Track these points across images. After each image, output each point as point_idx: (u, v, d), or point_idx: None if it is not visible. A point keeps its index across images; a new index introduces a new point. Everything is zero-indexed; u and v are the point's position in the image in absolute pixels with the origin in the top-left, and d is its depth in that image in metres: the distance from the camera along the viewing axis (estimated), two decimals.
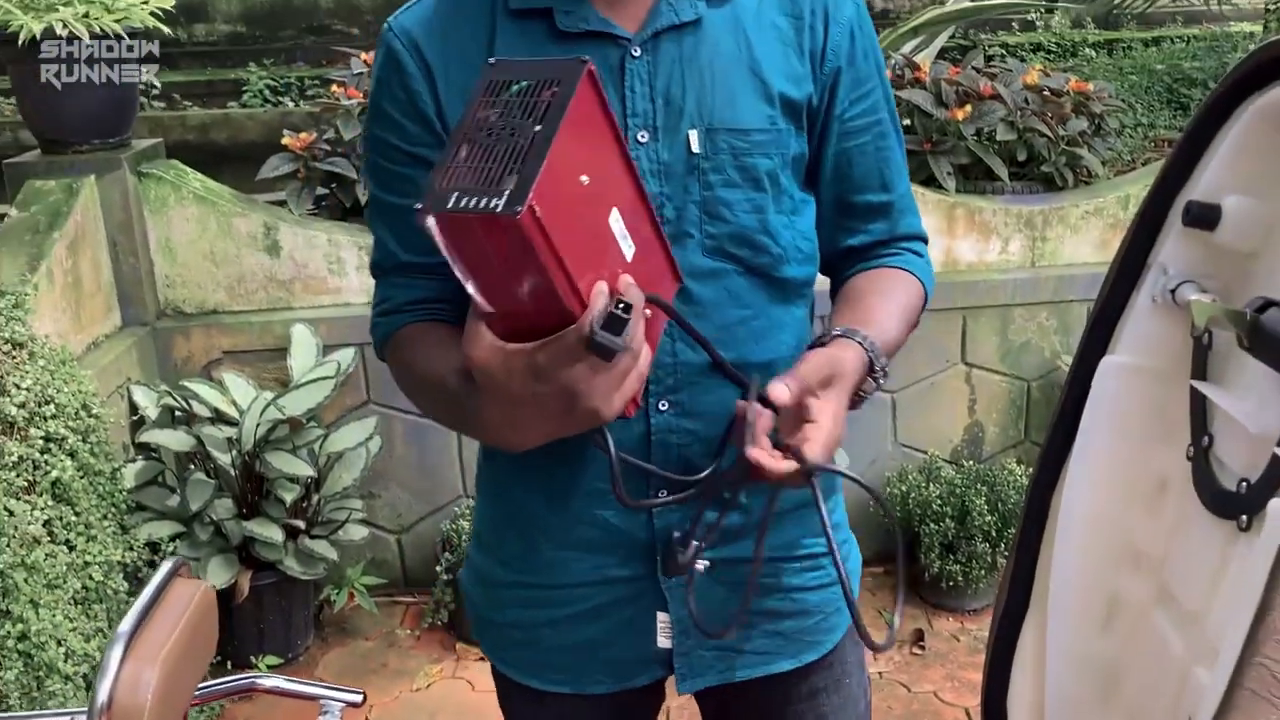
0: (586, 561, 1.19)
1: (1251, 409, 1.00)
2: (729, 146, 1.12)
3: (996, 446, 3.49)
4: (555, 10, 1.09)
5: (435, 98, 1.12)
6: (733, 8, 1.13)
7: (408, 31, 1.13)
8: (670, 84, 1.11)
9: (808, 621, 1.28)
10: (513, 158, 0.85)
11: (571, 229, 0.87)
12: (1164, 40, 5.65)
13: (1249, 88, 1.04)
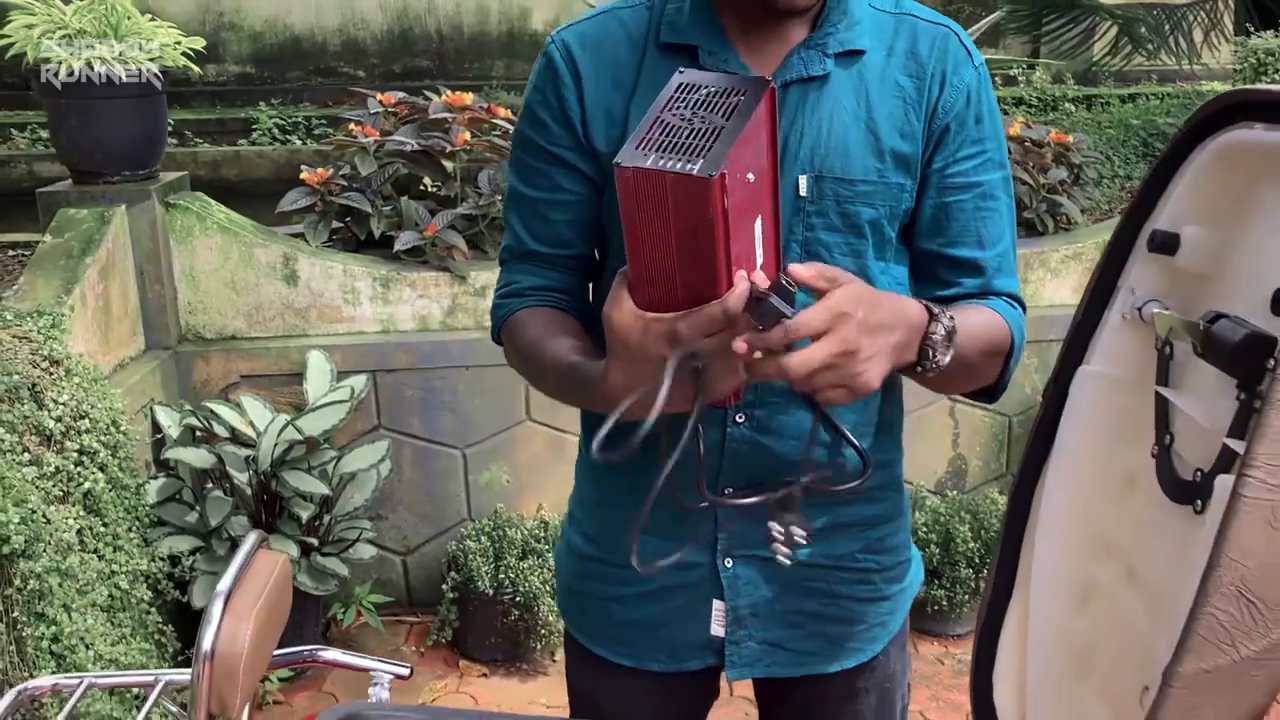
0: (656, 544, 1.26)
1: (1205, 407, 1.15)
2: (834, 194, 1.19)
3: (979, 478, 3.64)
4: (700, 49, 1.20)
5: (581, 106, 1.23)
6: (859, 66, 1.21)
7: (567, 44, 1.24)
8: (789, 131, 1.19)
9: (853, 629, 1.39)
10: (704, 138, 0.95)
11: (738, 213, 0.97)
12: (1140, 97, 5.88)
13: (1204, 132, 1.20)
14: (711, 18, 1.21)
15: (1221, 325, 1.10)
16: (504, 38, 6.41)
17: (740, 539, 1.32)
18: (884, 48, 1.23)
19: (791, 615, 1.37)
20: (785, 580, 1.34)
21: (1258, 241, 1.16)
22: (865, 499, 1.35)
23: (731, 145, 0.94)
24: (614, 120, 1.22)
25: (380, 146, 3.40)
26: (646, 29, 1.23)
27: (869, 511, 1.37)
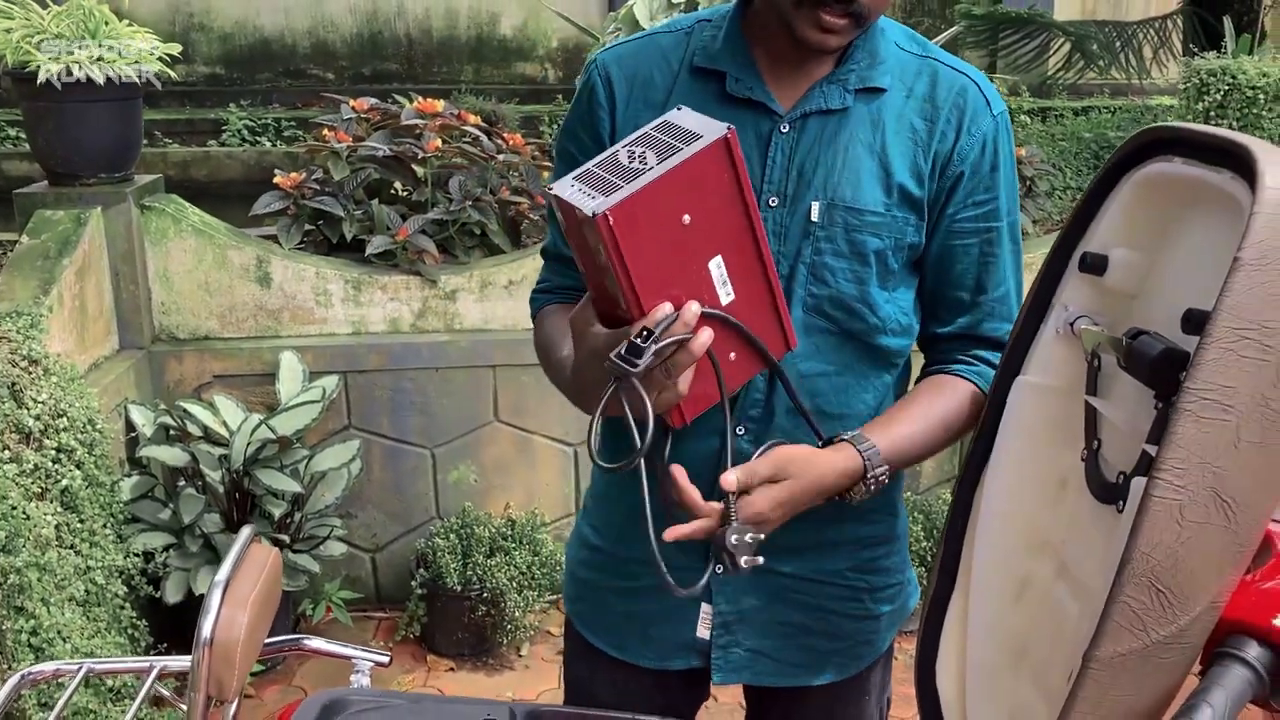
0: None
1: (1128, 416, 1.26)
2: (843, 221, 1.26)
3: (932, 480, 3.76)
4: (729, 75, 1.28)
5: (613, 123, 1.31)
6: (878, 103, 1.27)
7: (606, 66, 1.33)
8: (805, 159, 1.26)
9: (839, 644, 1.45)
10: (627, 177, 1.05)
11: (649, 249, 1.05)
12: (1092, 110, 6.05)
13: (1130, 164, 1.31)
14: (743, 48, 1.29)
15: (1141, 341, 1.20)
16: (472, 42, 6.48)
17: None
18: (905, 88, 1.29)
19: (779, 625, 1.42)
20: (773, 590, 1.40)
21: (1176, 264, 1.27)
22: (858, 519, 1.41)
23: (641, 187, 1.03)
24: None
25: (353, 151, 3.47)
26: (683, 53, 1.31)
27: (862, 531, 1.43)
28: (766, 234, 1.22)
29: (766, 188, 1.27)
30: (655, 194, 1.04)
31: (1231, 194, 1.12)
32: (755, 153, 1.26)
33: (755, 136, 1.27)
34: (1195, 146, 1.20)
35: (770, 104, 1.27)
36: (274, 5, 6.39)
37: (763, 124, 1.27)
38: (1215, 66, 3.65)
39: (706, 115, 1.17)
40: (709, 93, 1.29)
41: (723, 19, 1.32)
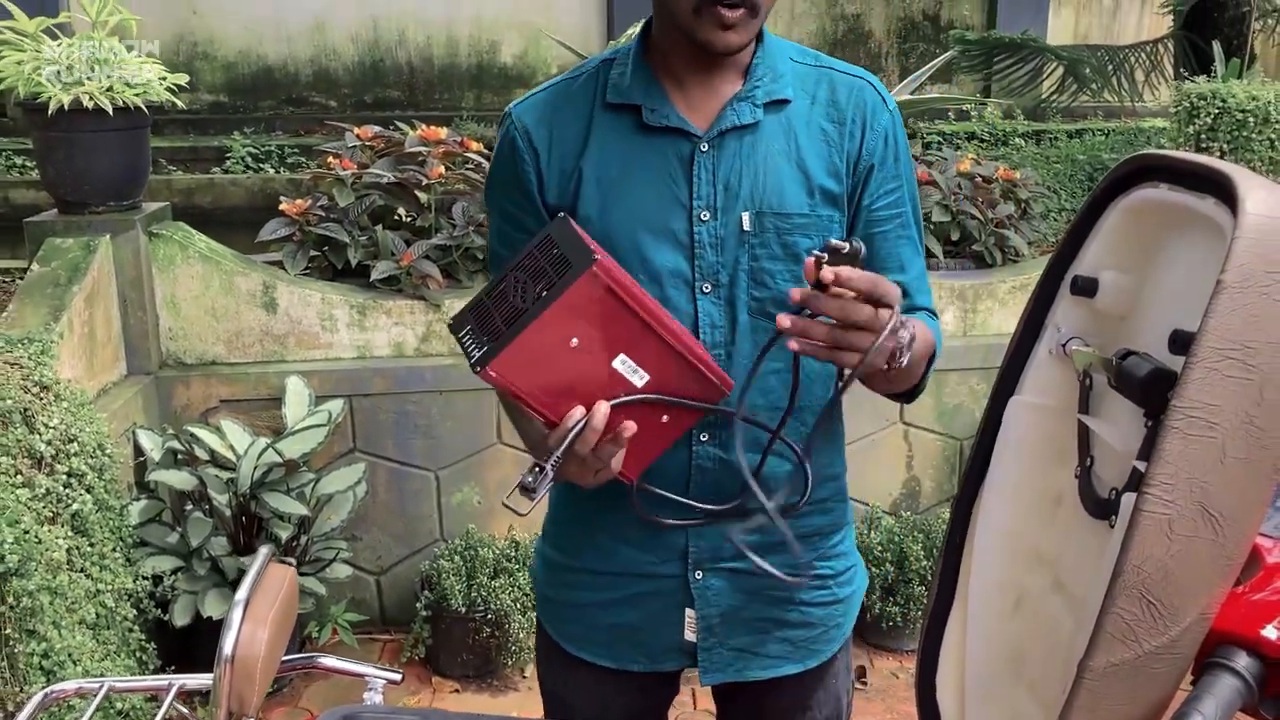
0: (632, 554, 1.45)
1: (1119, 433, 1.30)
2: (774, 227, 1.35)
3: (932, 499, 3.79)
4: (643, 107, 1.35)
5: (539, 175, 1.38)
6: (786, 113, 1.37)
7: (521, 118, 1.39)
8: (730, 174, 1.35)
9: (813, 633, 1.53)
10: (508, 318, 1.14)
11: (542, 377, 1.16)
12: (1086, 132, 6.11)
13: (1118, 190, 1.36)
14: (651, 79, 1.37)
15: (1131, 361, 1.25)
16: (473, 70, 6.55)
17: (711, 552, 1.45)
18: (807, 96, 1.39)
19: (758, 623, 1.50)
20: (752, 590, 1.47)
21: (1163, 287, 1.32)
22: (819, 511, 1.50)
23: (518, 336, 1.12)
24: (566, 176, 1.37)
25: (357, 179, 3.52)
26: (594, 93, 1.38)
27: (821, 521, 1.51)
28: (704, 245, 1.33)
29: (696, 204, 1.34)
30: (534, 336, 1.13)
31: (1215, 219, 1.17)
32: (680, 174, 1.34)
33: (678, 159, 1.35)
34: (1180, 173, 1.25)
35: (687, 128, 1.35)
36: (277, 34, 6.47)
37: (683, 147, 1.35)
38: (1206, 90, 3.72)
39: (628, 146, 1.31)
40: (627, 126, 1.36)
41: (626, 56, 1.39)
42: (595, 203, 1.35)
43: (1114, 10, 7.59)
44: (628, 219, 1.34)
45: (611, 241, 1.33)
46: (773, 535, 1.40)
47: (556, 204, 1.37)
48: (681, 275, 1.35)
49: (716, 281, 1.36)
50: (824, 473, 1.49)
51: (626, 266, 1.32)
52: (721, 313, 1.36)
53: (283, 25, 6.45)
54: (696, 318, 1.36)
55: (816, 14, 7.06)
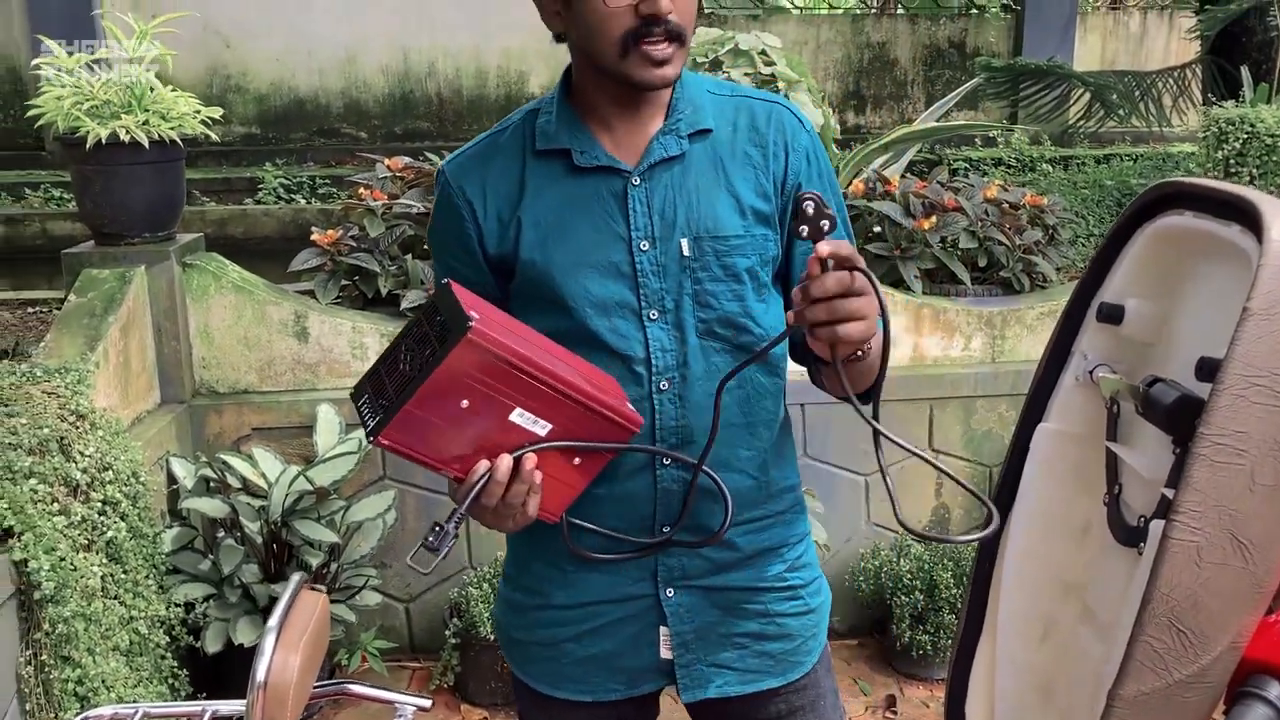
0: (603, 580, 1.47)
1: (1147, 461, 1.30)
2: (713, 250, 1.39)
3: (961, 526, 3.77)
4: (572, 150, 1.40)
5: (477, 228, 1.41)
6: (711, 142, 1.42)
7: (455, 174, 1.44)
8: (664, 204, 1.39)
9: (790, 644, 1.54)
10: (398, 388, 1.17)
11: (436, 439, 1.19)
12: (1114, 158, 6.10)
13: (1143, 217, 1.37)
14: (577, 122, 1.41)
15: (1158, 389, 1.25)
16: (501, 100, 6.63)
17: (680, 570, 1.47)
18: (728, 124, 1.44)
19: (735, 638, 1.51)
20: (726, 605, 1.49)
21: (1190, 314, 1.32)
22: (779, 523, 1.52)
23: (404, 406, 1.15)
24: (504, 226, 1.41)
25: (388, 209, 3.56)
26: (523, 142, 1.43)
27: (785, 533, 1.54)
28: (646, 273, 1.37)
29: (635, 234, 1.39)
30: (421, 403, 1.16)
31: (1241, 247, 1.17)
32: (615, 209, 1.39)
33: (611, 195, 1.39)
34: (1205, 201, 1.25)
35: (617, 165, 1.40)
36: (308, 67, 6.57)
37: (615, 183, 1.39)
38: (1234, 115, 3.70)
39: (562, 189, 1.37)
40: (558, 170, 1.40)
41: (551, 103, 1.44)
42: (536, 247, 1.39)
43: (1141, 36, 7.58)
44: (570, 258, 1.38)
45: (556, 281, 1.38)
46: (742, 552, 1.47)
47: (497, 253, 1.41)
48: (628, 305, 1.39)
49: (663, 308, 1.39)
50: (781, 484, 1.52)
51: (573, 303, 1.37)
52: (670, 337, 1.40)
53: (314, 58, 6.56)
54: (647, 344, 1.39)
55: (842, 42, 7.10)
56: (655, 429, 1.41)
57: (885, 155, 4.80)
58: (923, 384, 3.65)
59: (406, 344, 1.21)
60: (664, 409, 1.40)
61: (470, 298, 1.23)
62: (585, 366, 1.33)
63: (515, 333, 1.23)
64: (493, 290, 1.44)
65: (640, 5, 1.29)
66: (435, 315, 1.20)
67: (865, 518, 3.72)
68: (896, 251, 3.77)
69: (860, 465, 3.66)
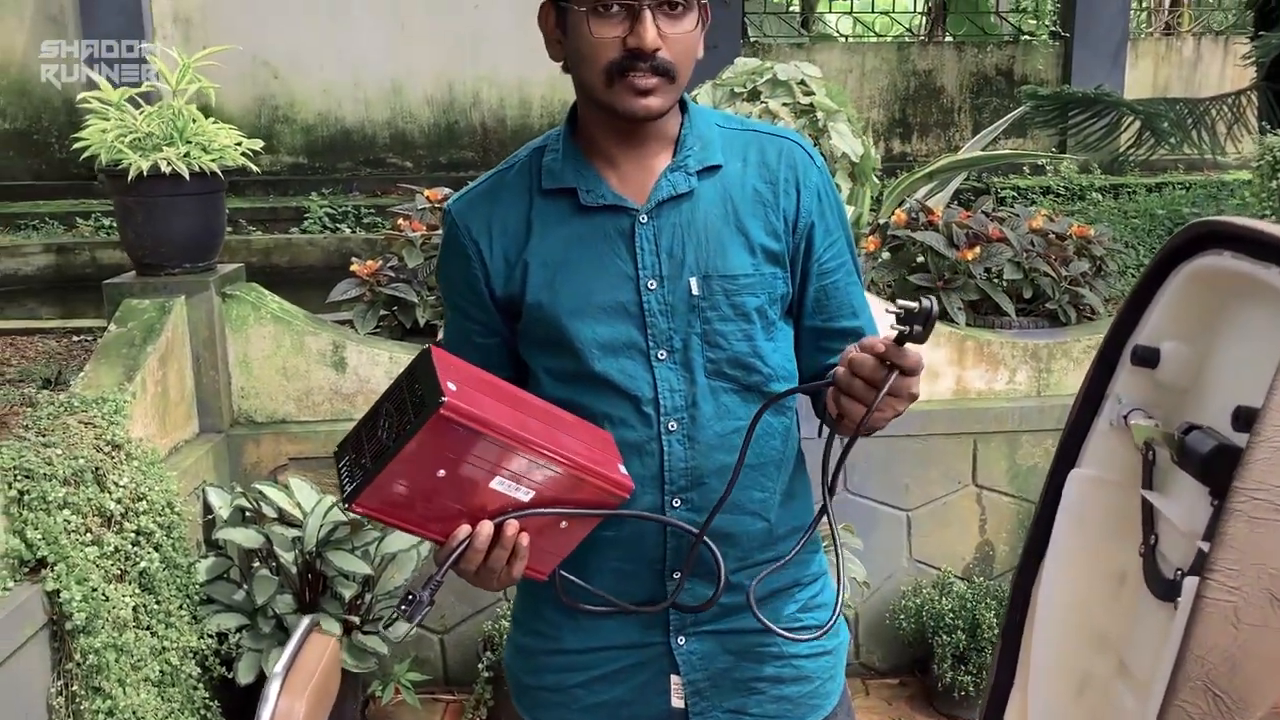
0: (616, 627, 1.43)
1: (1184, 511, 1.25)
2: (722, 289, 1.37)
3: (1006, 564, 3.69)
4: (579, 189, 1.37)
5: (484, 268, 1.40)
6: (720, 178, 1.40)
7: (461, 214, 1.42)
8: (672, 242, 1.37)
9: (808, 687, 1.50)
10: (375, 455, 1.15)
11: (414, 507, 1.17)
12: (1166, 186, 5.99)
13: (1179, 258, 1.32)
14: (583, 161, 1.39)
15: (1193, 437, 1.20)
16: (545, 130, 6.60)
17: (692, 617, 1.43)
18: (738, 159, 1.41)
19: (751, 682, 1.47)
20: (739, 650, 1.45)
21: (1228, 358, 1.26)
22: (793, 562, 1.46)
23: (378, 475, 1.13)
24: (511, 266, 1.39)
25: (426, 240, 3.57)
26: (529, 181, 1.41)
27: (798, 574, 1.49)
28: (654, 313, 1.35)
29: (642, 274, 1.37)
30: (395, 474, 1.14)
31: None
32: (623, 247, 1.37)
33: (619, 234, 1.37)
34: (1244, 242, 1.20)
35: (624, 203, 1.37)
36: (355, 98, 6.65)
37: (623, 221, 1.37)
38: None
39: (569, 228, 1.35)
40: (565, 209, 1.38)
41: (557, 141, 1.42)
42: (543, 288, 1.37)
43: (1194, 62, 7.46)
44: (576, 299, 1.36)
45: (562, 323, 1.36)
46: (757, 591, 1.40)
47: (505, 295, 1.40)
48: (636, 345, 1.37)
49: (671, 347, 1.37)
50: (793, 524, 1.47)
51: (580, 345, 1.35)
52: (679, 377, 1.37)
53: (361, 89, 6.64)
54: (655, 385, 1.37)
55: (888, 70, 7.06)
56: (664, 470, 1.38)
57: (930, 184, 4.74)
58: (966, 417, 3.58)
59: (386, 408, 1.19)
60: (673, 450, 1.38)
61: (450, 364, 1.21)
62: (577, 426, 1.30)
63: (496, 399, 1.21)
64: (500, 330, 1.43)
65: (627, 38, 1.28)
66: (412, 384, 1.18)
67: (907, 554, 3.65)
68: (940, 283, 3.71)
69: (901, 500, 3.60)
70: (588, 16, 1.28)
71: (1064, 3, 6.98)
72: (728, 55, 4.96)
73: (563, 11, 1.33)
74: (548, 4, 1.36)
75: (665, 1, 1.28)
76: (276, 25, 6.50)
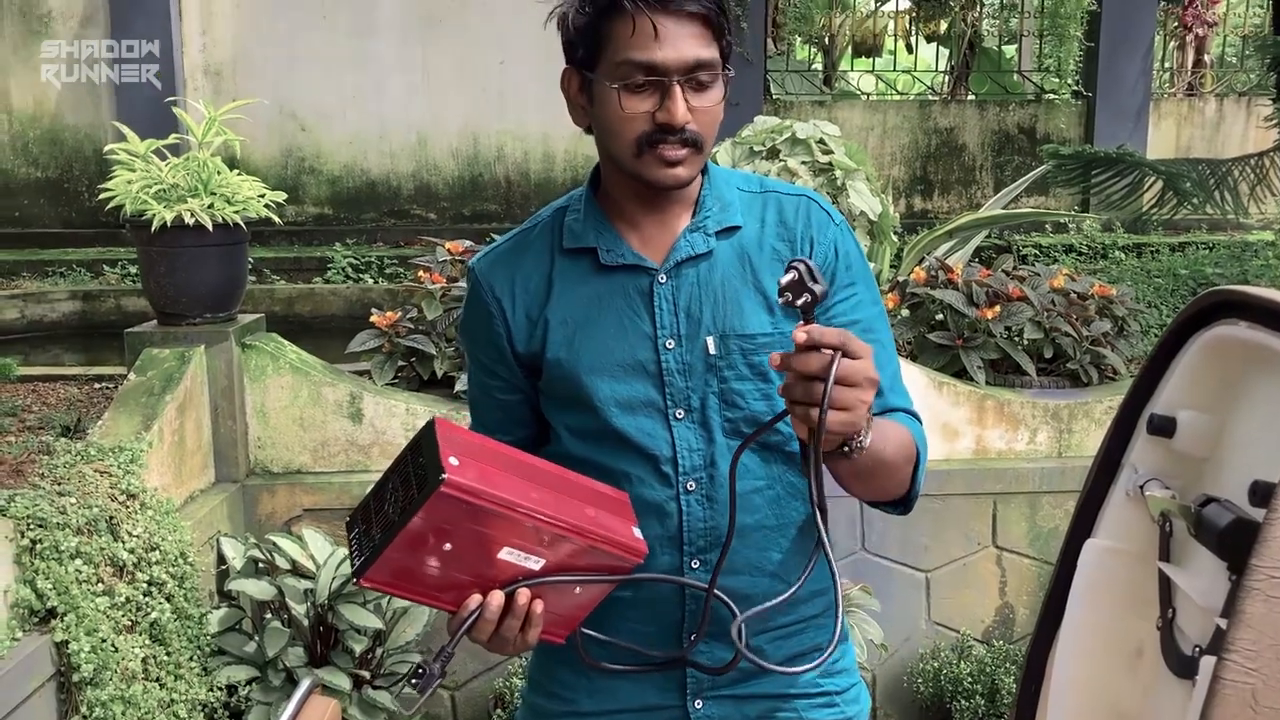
0: (632, 689, 1.41)
1: (1202, 585, 1.22)
2: (739, 348, 1.36)
3: (1026, 628, 3.63)
4: (599, 248, 1.38)
5: (506, 325, 1.41)
6: (738, 239, 1.40)
7: (484, 272, 1.43)
8: (690, 302, 1.37)
9: None
10: (383, 528, 1.15)
11: (421, 579, 1.17)
12: (1190, 245, 5.95)
13: (1195, 326, 1.30)
14: (604, 221, 1.40)
15: (1211, 510, 1.17)
16: (568, 184, 6.71)
17: (710, 680, 1.41)
18: (756, 220, 1.41)
19: None
20: (757, 715, 1.43)
21: (1246, 429, 1.24)
22: (812, 626, 1.44)
23: (385, 549, 1.13)
24: (533, 324, 1.40)
25: (446, 292, 3.59)
26: (551, 240, 1.42)
27: (818, 637, 1.46)
28: (671, 372, 1.35)
29: (660, 333, 1.37)
30: (401, 548, 1.14)
31: None
32: (641, 306, 1.37)
33: (638, 293, 1.38)
34: (1260, 311, 1.18)
35: (643, 263, 1.38)
36: (381, 150, 6.73)
37: (642, 281, 1.38)
38: None
39: (589, 287, 1.36)
40: (586, 268, 1.39)
41: (579, 201, 1.43)
42: (563, 346, 1.38)
43: (1217, 123, 7.46)
44: (596, 357, 1.37)
45: (581, 380, 1.36)
46: (768, 656, 1.39)
47: (525, 352, 1.40)
48: (654, 404, 1.36)
49: (689, 406, 1.37)
50: (813, 587, 1.42)
51: (599, 403, 1.35)
52: (697, 437, 1.37)
53: (387, 141, 6.71)
54: (674, 444, 1.37)
55: (909, 127, 7.08)
56: (683, 530, 1.37)
57: (950, 241, 4.73)
58: (986, 478, 3.54)
59: (393, 481, 1.18)
60: (691, 510, 1.36)
61: (454, 436, 1.20)
62: (590, 489, 1.28)
63: (501, 469, 1.20)
64: (522, 387, 1.43)
65: (657, 113, 1.29)
66: (416, 457, 1.17)
67: (925, 616, 3.60)
68: (959, 341, 3.69)
69: (920, 561, 3.55)
70: (619, 92, 1.30)
71: (1086, 63, 6.99)
72: (749, 112, 4.99)
73: (588, 79, 1.34)
74: (571, 70, 1.37)
75: (694, 75, 1.29)
76: (305, 78, 6.60)
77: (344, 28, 6.63)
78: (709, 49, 1.30)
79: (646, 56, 1.28)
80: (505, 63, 6.67)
